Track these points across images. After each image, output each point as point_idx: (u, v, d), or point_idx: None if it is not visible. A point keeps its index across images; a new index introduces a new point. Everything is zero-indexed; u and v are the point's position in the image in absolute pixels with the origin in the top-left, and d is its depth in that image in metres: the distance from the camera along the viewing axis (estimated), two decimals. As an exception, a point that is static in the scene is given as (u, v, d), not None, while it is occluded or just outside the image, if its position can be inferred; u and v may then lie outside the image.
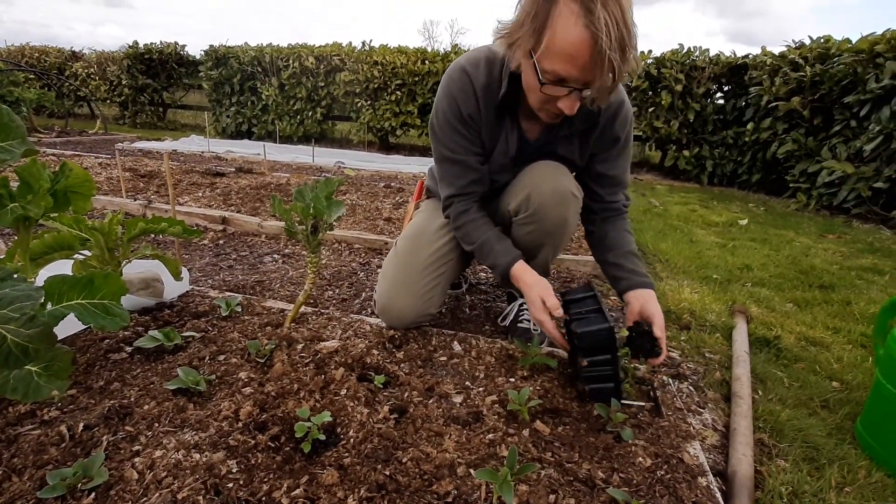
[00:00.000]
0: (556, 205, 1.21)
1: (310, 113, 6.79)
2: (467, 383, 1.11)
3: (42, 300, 0.78)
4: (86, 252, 1.15)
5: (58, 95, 7.91)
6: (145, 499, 0.72)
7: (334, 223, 1.23)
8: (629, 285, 1.21)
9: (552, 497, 0.78)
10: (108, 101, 8.48)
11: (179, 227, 1.24)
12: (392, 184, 3.64)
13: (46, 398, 0.82)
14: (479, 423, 0.97)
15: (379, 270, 2.00)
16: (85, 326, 1.21)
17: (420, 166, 4.85)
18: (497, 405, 1.03)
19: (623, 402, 1.06)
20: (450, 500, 0.77)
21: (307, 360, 1.14)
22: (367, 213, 2.76)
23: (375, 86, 6.17)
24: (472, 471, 0.83)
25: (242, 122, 7.25)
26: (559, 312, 1.11)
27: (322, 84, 6.61)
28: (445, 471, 0.83)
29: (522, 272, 1.20)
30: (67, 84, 8.27)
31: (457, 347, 1.28)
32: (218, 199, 2.81)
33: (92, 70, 8.44)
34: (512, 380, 1.13)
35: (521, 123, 1.22)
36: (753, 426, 1.07)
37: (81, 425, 0.86)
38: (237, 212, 2.58)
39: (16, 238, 0.90)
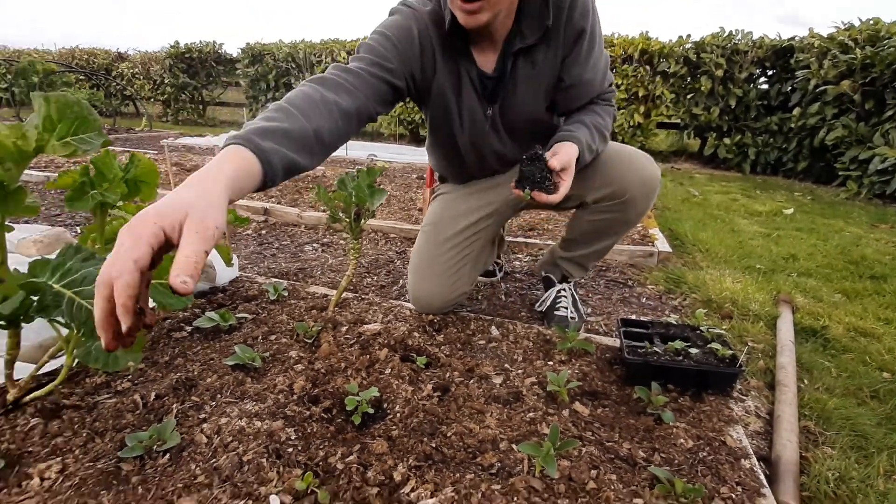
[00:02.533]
0: (644, 197, 1.24)
1: (342, 107, 6.91)
2: (506, 365, 1.14)
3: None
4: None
5: (106, 95, 8.33)
6: (214, 460, 0.79)
7: (375, 210, 1.28)
8: (554, 140, 1.11)
9: (593, 472, 0.81)
10: (152, 100, 8.86)
11: (231, 215, 1.31)
12: (425, 175, 3.68)
13: (122, 369, 0.90)
14: (520, 402, 0.99)
15: (415, 259, 2.05)
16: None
17: (451, 158, 4.86)
18: (536, 386, 1.05)
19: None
20: (494, 471, 0.80)
21: (352, 342, 1.19)
22: (402, 203, 2.81)
23: (406, 79, 6.21)
24: (514, 446, 0.86)
25: (277, 117, 7.44)
26: None
27: (354, 78, 6.70)
28: (489, 445, 0.86)
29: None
30: (114, 84, 8.69)
31: (495, 332, 1.31)
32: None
33: (136, 70, 8.84)
34: (550, 363, 1.15)
35: (475, 58, 1.15)
36: (799, 414, 1.06)
37: (153, 395, 0.94)
38: (277, 203, 2.68)
39: (85, 226, 0.98)
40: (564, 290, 1.50)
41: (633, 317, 1.57)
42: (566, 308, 1.45)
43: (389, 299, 1.52)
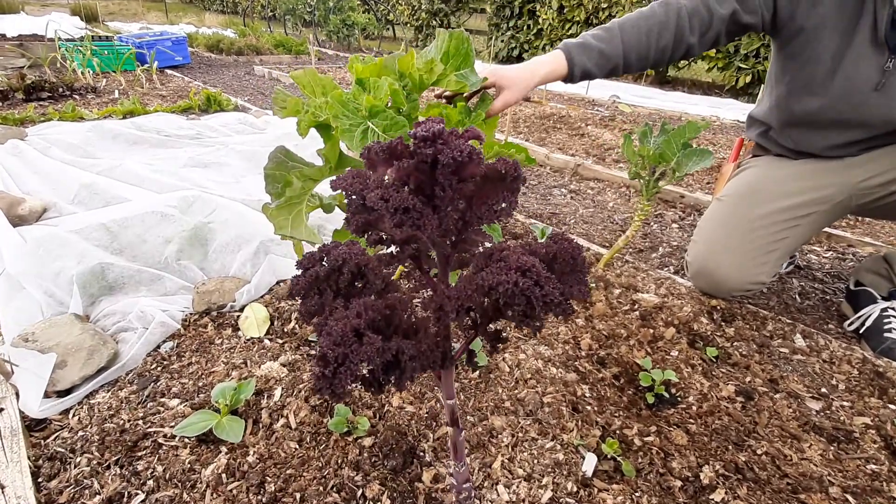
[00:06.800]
0: None
1: (585, 39, 6.44)
2: (823, 390, 0.94)
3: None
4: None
5: (376, 19, 9.44)
6: (517, 391, 0.85)
7: (684, 175, 1.13)
8: None
9: (984, 580, 0.61)
10: (408, 25, 9.72)
11: (524, 155, 1.33)
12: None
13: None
14: (851, 444, 0.81)
15: (674, 225, 1.83)
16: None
17: (711, 108, 4.13)
18: (872, 431, 0.84)
19: None
20: (826, 519, 0.68)
21: (626, 308, 1.14)
22: (656, 158, 2.52)
23: (670, 7, 5.36)
24: (850, 497, 0.71)
25: (514, 46, 7.38)
26: None
27: (605, 6, 6.09)
28: (814, 483, 0.73)
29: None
30: (382, 8, 9.76)
31: (800, 342, 1.09)
32: (509, 126, 2.98)
33: (400, -5, 9.71)
34: (892, 407, 0.91)
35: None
36: None
37: (457, 311, 1.07)
38: (526, 140, 2.69)
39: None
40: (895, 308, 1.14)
41: None
42: (903, 334, 1.11)
43: (655, 268, 1.40)
